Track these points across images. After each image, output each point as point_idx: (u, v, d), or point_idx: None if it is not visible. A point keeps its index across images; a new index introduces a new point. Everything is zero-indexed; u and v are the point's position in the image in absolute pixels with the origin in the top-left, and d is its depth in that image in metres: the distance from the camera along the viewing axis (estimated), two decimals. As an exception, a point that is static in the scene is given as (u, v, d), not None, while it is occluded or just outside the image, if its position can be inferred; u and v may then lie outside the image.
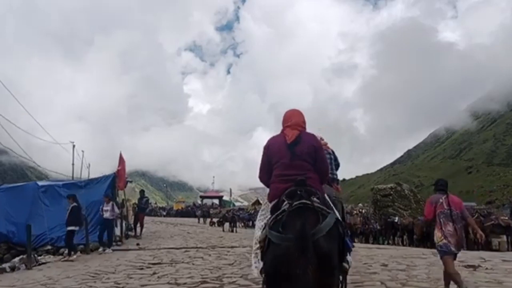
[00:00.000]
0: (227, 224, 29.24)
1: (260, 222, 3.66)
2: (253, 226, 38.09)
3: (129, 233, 15.79)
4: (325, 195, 3.53)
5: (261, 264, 3.28)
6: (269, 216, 3.35)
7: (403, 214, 41.59)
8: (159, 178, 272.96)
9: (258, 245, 3.40)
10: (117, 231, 13.34)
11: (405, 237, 22.10)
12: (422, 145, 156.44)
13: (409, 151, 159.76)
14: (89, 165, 45.37)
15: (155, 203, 76.85)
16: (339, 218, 3.30)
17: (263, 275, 3.20)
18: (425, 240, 20.58)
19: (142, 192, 17.16)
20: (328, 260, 2.87)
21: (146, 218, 36.39)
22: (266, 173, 3.70)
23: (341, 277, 3.49)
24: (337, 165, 5.81)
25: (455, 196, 6.10)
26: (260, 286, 3.32)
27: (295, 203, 3.06)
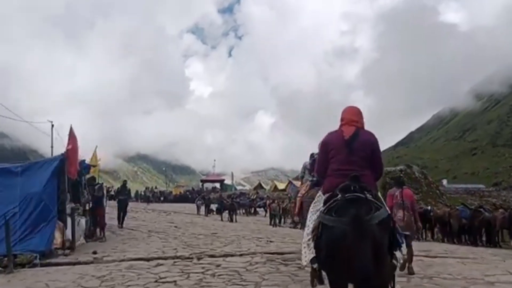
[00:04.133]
0: (226, 212, 26.25)
1: (313, 214, 3.75)
2: (255, 213, 35.10)
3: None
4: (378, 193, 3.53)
5: (311, 254, 3.44)
6: (322, 208, 3.40)
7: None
8: (161, 162, 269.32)
9: (310, 237, 3.52)
10: (69, 232, 9.72)
11: (436, 229, 18.63)
12: (425, 127, 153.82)
13: (411, 133, 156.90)
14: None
15: (155, 187, 73.31)
16: (391, 215, 3.45)
17: (313, 265, 3.57)
18: (463, 234, 17.14)
19: (92, 179, 13.44)
20: (380, 247, 2.93)
21: (137, 206, 33.43)
22: (323, 167, 3.78)
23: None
24: None
25: (408, 190, 8.08)
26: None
27: (348, 194, 3.15)
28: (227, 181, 72.80)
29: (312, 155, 9.70)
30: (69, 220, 9.71)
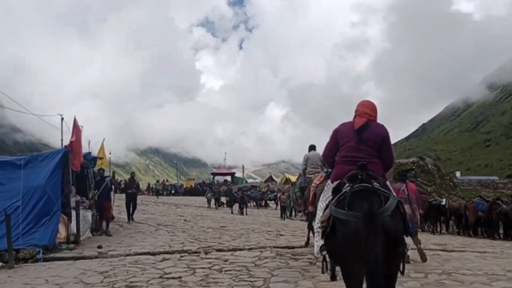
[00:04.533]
0: (236, 205, 25.99)
1: (322, 203, 3.80)
2: (266, 206, 34.83)
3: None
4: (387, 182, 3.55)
5: (321, 242, 3.51)
6: (331, 197, 3.48)
7: (426, 190, 37.85)
8: (172, 155, 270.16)
9: (320, 225, 3.55)
10: (73, 226, 9.47)
11: (451, 222, 18.11)
12: (438, 118, 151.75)
13: (424, 124, 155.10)
14: (90, 141, 40.40)
15: (166, 180, 73.33)
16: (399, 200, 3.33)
17: (323, 253, 3.54)
18: (480, 226, 16.64)
19: (101, 171, 13.14)
20: (395, 239, 3.03)
21: (148, 199, 33.28)
22: (331, 153, 3.93)
23: None
24: None
25: (412, 184, 8.66)
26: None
27: (356, 185, 3.19)
28: (238, 174, 72.66)
29: (310, 147, 9.67)
30: (73, 213, 9.48)
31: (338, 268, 4.45)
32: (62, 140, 36.46)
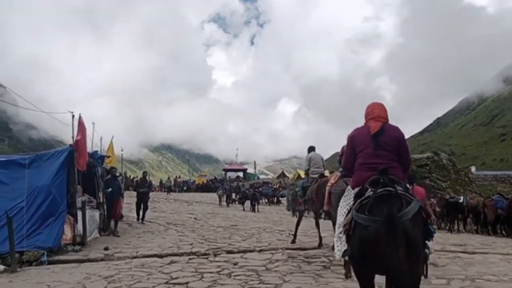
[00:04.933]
0: (248, 202, 25.65)
1: (343, 208, 3.82)
2: (278, 202, 34.43)
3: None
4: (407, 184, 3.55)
5: (343, 247, 3.50)
6: (353, 202, 3.50)
7: (441, 186, 37.15)
8: (185, 151, 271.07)
9: (341, 229, 3.55)
10: (80, 226, 9.21)
11: (469, 220, 17.57)
12: (452, 113, 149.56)
13: (438, 119, 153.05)
14: (101, 138, 40.33)
15: (179, 177, 73.23)
16: (422, 205, 3.27)
17: (345, 258, 3.62)
18: (499, 225, 16.08)
19: (114, 169, 12.73)
20: (414, 243, 2.98)
21: (159, 195, 33.10)
22: (350, 161, 3.85)
23: None
24: None
25: (420, 188, 8.35)
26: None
27: (379, 190, 3.17)
28: (250, 170, 72.30)
29: (310, 148, 9.84)
30: (79, 213, 9.22)
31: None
32: (73, 137, 36.71)
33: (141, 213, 13.92)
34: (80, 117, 9.47)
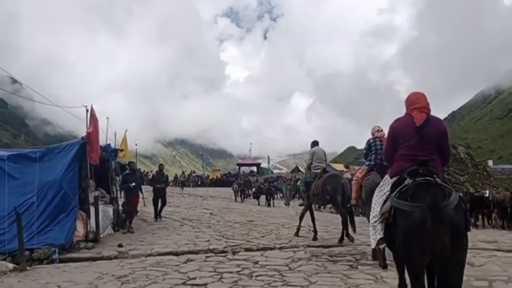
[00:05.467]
0: (263, 197, 25.24)
1: (379, 198, 3.93)
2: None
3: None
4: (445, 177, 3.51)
5: (378, 236, 3.65)
6: (389, 191, 3.60)
7: (459, 180, 36.27)
8: (198, 146, 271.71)
9: (376, 219, 3.72)
10: (93, 222, 8.86)
11: (494, 215, 16.87)
12: (468, 106, 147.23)
13: (453, 112, 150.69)
14: (115, 133, 39.76)
15: (193, 172, 72.99)
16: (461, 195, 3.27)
17: (382, 246, 3.83)
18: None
19: (132, 164, 12.27)
20: (459, 231, 3.02)
21: (173, 190, 32.78)
22: (390, 153, 3.84)
23: None
24: None
25: None
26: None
27: (418, 178, 3.21)
28: (264, 165, 71.85)
29: (313, 143, 9.67)
30: (92, 209, 8.86)
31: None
32: (87, 132, 36.71)
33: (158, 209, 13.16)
34: (92, 109, 9.10)
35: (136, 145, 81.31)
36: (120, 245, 8.39)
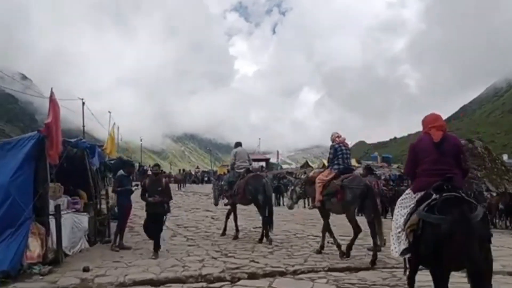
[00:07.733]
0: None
1: (402, 210, 4.15)
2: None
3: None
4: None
5: (402, 246, 3.91)
6: (413, 205, 3.94)
7: (476, 175, 34.11)
8: (207, 141, 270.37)
9: (400, 229, 4.00)
10: (53, 238, 6.91)
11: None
12: (479, 99, 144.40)
13: (464, 106, 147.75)
14: (118, 127, 36.56)
15: (197, 168, 70.80)
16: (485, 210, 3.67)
17: (405, 256, 3.99)
18: None
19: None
20: (485, 241, 3.41)
21: (176, 188, 30.65)
22: (411, 168, 4.24)
23: None
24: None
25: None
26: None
27: (445, 194, 3.56)
28: (272, 160, 69.96)
29: (236, 144, 10.24)
30: (53, 221, 6.90)
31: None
32: (84, 126, 34.94)
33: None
34: (51, 93, 7.09)
35: (141, 140, 79.98)
36: (85, 269, 6.43)
